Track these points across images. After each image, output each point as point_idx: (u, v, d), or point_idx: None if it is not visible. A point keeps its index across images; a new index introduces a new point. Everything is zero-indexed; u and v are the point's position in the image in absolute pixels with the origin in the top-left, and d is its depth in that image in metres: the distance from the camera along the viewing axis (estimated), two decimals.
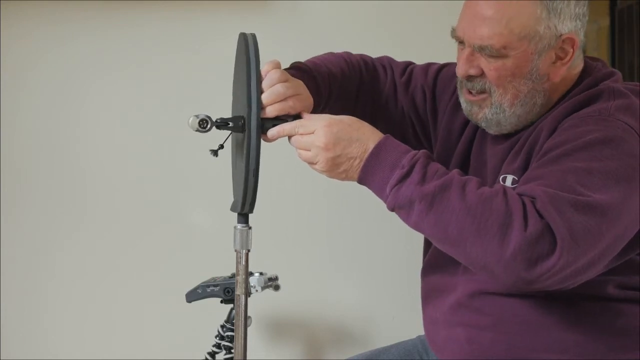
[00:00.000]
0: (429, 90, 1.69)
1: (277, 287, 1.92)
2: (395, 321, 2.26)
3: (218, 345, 1.97)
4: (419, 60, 2.27)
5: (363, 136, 1.34)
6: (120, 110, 2.22)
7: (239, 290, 1.38)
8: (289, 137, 1.36)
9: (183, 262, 2.21)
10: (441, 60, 2.26)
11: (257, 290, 1.86)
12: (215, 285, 1.88)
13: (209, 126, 1.33)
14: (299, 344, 2.27)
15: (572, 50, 1.45)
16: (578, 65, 1.50)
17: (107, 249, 2.23)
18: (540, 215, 1.25)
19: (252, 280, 1.83)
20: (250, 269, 1.43)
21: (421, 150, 1.34)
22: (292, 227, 2.24)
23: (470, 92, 1.50)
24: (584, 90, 1.47)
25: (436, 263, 1.63)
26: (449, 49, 2.25)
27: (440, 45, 2.26)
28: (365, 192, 2.29)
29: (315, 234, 2.27)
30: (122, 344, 2.23)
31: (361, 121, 1.36)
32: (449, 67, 1.69)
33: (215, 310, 1.92)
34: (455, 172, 1.33)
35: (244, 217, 1.40)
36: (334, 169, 1.35)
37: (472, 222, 1.26)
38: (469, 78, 1.48)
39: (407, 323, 2.14)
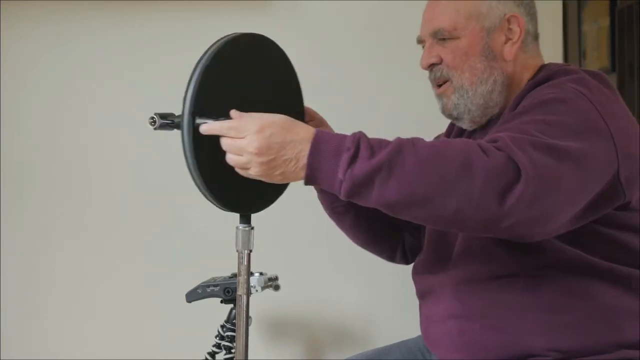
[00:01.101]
0: None
1: (277, 287, 1.92)
2: (395, 321, 2.26)
3: (218, 345, 1.97)
4: (417, 58, 2.27)
5: (296, 136, 1.28)
6: (120, 110, 2.22)
7: (241, 290, 1.38)
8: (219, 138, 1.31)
9: (183, 262, 2.21)
10: None
11: (257, 290, 1.86)
12: (215, 285, 1.88)
13: (157, 124, 1.34)
14: (299, 344, 2.27)
15: (519, 29, 1.54)
16: (536, 56, 1.59)
17: (107, 249, 2.23)
18: (500, 150, 1.27)
19: (253, 280, 1.83)
20: (250, 269, 1.43)
21: (358, 131, 1.34)
22: (292, 227, 2.24)
23: (438, 86, 1.58)
24: (540, 78, 1.54)
25: (425, 264, 1.66)
26: None
27: None
28: None
29: (315, 234, 2.27)
30: (122, 344, 2.23)
31: (293, 120, 1.32)
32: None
33: (215, 310, 1.92)
34: (399, 137, 1.35)
35: (246, 218, 1.40)
36: (270, 172, 1.29)
37: (434, 173, 1.26)
38: (431, 68, 1.58)
39: (407, 323, 2.14)
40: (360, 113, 2.25)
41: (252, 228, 1.40)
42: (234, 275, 1.78)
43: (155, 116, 1.32)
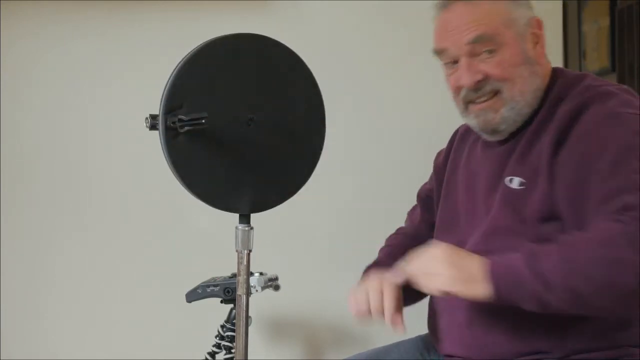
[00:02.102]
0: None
1: (277, 287, 1.92)
2: None
3: (218, 345, 1.97)
4: (417, 58, 2.27)
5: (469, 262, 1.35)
6: (120, 110, 2.22)
7: (241, 290, 1.38)
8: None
9: (183, 262, 2.21)
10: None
11: (257, 290, 1.86)
12: (215, 285, 1.88)
13: (148, 124, 1.35)
14: (299, 344, 2.27)
15: (540, 31, 1.51)
16: (547, 62, 1.54)
17: (107, 249, 2.23)
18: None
19: (252, 280, 1.83)
20: (250, 269, 1.43)
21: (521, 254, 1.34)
22: (292, 227, 2.24)
23: (477, 103, 1.50)
24: (562, 89, 1.50)
25: None
26: None
27: None
28: (365, 192, 2.30)
29: (315, 234, 2.27)
30: (122, 344, 2.23)
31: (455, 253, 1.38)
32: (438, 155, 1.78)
33: (215, 310, 1.92)
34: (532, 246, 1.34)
35: (245, 218, 1.40)
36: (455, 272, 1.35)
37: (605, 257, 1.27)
38: (477, 85, 1.48)
39: (407, 323, 2.13)
40: (360, 113, 2.26)
41: (252, 228, 1.40)
42: (234, 275, 1.78)
43: (148, 117, 1.34)
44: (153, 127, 1.34)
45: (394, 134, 2.27)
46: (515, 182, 1.46)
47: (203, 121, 1.30)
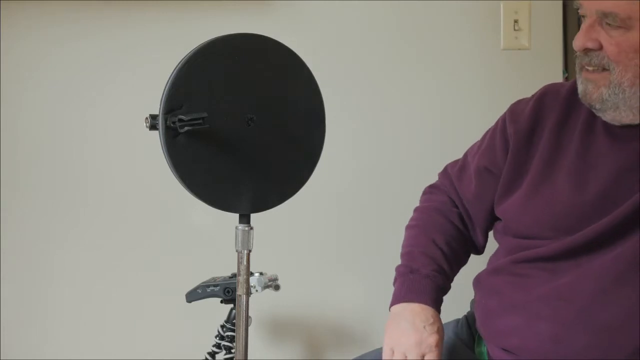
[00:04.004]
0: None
1: (277, 287, 1.92)
2: None
3: (218, 345, 1.96)
4: (417, 58, 2.27)
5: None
6: (120, 110, 2.22)
7: (240, 290, 1.38)
8: None
9: (183, 262, 2.21)
10: (439, 58, 2.27)
11: (257, 290, 1.85)
12: (215, 285, 1.88)
13: (148, 124, 1.36)
14: (299, 344, 2.27)
15: None
16: None
17: (107, 249, 2.23)
18: None
19: (252, 280, 1.83)
20: (250, 269, 1.43)
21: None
22: (292, 227, 2.24)
23: (586, 70, 1.41)
24: None
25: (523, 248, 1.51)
26: (449, 48, 2.26)
27: (440, 44, 2.27)
28: (366, 192, 2.30)
29: (315, 234, 2.27)
30: (122, 344, 2.23)
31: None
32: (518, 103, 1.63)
33: (215, 310, 1.92)
34: None
35: (245, 218, 1.40)
36: None
37: None
38: (586, 52, 1.39)
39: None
40: (360, 113, 2.25)
41: (252, 228, 1.40)
42: (234, 275, 1.78)
43: (148, 117, 1.34)
44: (153, 127, 1.34)
45: (395, 133, 2.27)
46: None
47: (202, 121, 1.30)
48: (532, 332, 1.41)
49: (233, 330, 1.90)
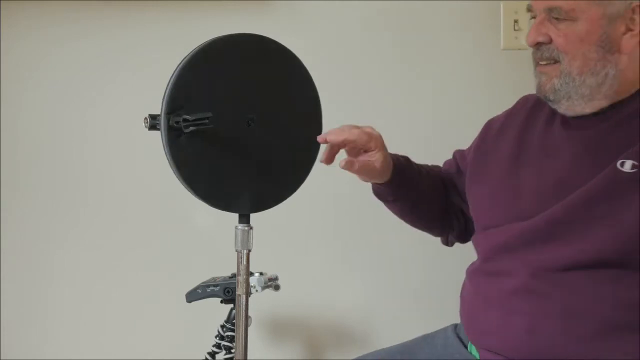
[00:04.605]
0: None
1: (277, 287, 1.92)
2: (395, 321, 2.25)
3: (218, 345, 1.96)
4: (417, 59, 2.27)
5: None
6: (120, 110, 2.22)
7: (240, 290, 1.38)
8: None
9: (183, 262, 2.21)
10: (439, 58, 2.27)
11: (257, 290, 1.85)
12: (215, 285, 1.88)
13: (148, 124, 1.35)
14: (299, 344, 2.27)
15: None
16: None
17: (108, 248, 2.23)
18: None
19: (252, 280, 1.83)
20: (250, 269, 1.43)
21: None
22: (292, 227, 2.24)
23: (540, 64, 1.50)
24: None
25: (493, 242, 1.56)
26: (449, 49, 2.26)
27: (440, 44, 2.27)
28: (364, 193, 2.29)
29: (315, 234, 2.27)
30: (122, 344, 2.23)
31: None
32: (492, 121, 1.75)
33: (215, 310, 1.92)
34: None
35: (245, 218, 1.40)
36: None
37: None
38: (538, 46, 1.49)
39: (407, 323, 2.14)
40: (361, 113, 2.25)
41: (251, 228, 1.41)
42: (234, 275, 1.78)
43: (147, 117, 1.34)
44: (153, 127, 1.34)
45: (394, 133, 2.25)
46: (627, 165, 1.40)
47: (207, 121, 1.30)
48: (509, 328, 1.45)
49: (233, 330, 1.90)
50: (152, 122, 1.34)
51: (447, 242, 1.84)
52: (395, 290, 2.27)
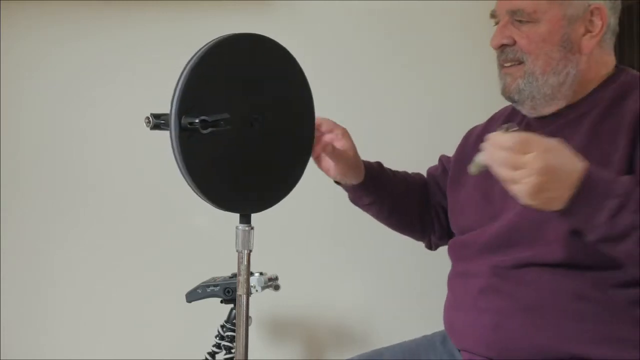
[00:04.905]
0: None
1: (277, 287, 1.92)
2: (395, 321, 2.26)
3: (218, 345, 1.96)
4: (418, 59, 2.27)
5: (573, 166, 1.27)
6: (120, 110, 2.22)
7: (241, 290, 1.38)
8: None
9: (183, 262, 2.21)
10: (439, 58, 2.27)
11: (257, 290, 1.86)
12: (215, 285, 1.88)
13: (151, 124, 1.34)
14: (299, 344, 2.27)
15: (601, 23, 1.50)
16: (611, 52, 1.55)
17: (108, 249, 2.23)
18: None
19: (252, 280, 1.83)
20: (250, 269, 1.43)
21: (626, 176, 1.32)
22: (292, 227, 2.24)
23: (504, 66, 1.55)
24: (626, 85, 1.50)
25: (461, 247, 1.64)
26: (448, 48, 2.27)
27: (440, 44, 2.27)
28: None
29: (315, 234, 2.27)
30: (122, 344, 2.23)
31: (567, 148, 1.29)
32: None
33: (215, 310, 1.92)
34: None
35: (246, 218, 1.40)
36: (536, 193, 1.26)
37: None
38: (502, 48, 1.54)
39: (407, 323, 2.14)
40: (361, 113, 2.26)
41: (252, 228, 1.40)
42: (234, 275, 1.78)
43: (150, 116, 1.33)
44: (156, 127, 1.33)
45: (394, 133, 2.27)
46: None
47: (223, 122, 1.30)
48: (477, 327, 1.50)
49: (233, 330, 1.90)
50: (156, 122, 1.33)
51: (431, 246, 1.88)
52: (395, 290, 2.27)
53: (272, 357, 2.24)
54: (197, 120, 1.28)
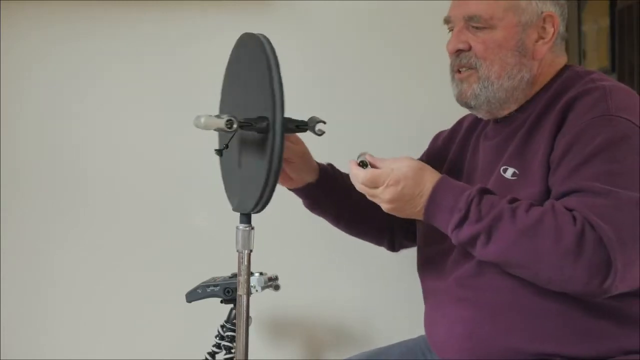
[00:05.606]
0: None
1: (277, 287, 1.92)
2: (395, 321, 2.25)
3: (218, 345, 1.96)
4: (418, 59, 2.27)
5: (423, 188, 1.44)
6: (120, 111, 2.22)
7: (241, 291, 1.38)
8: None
9: (183, 262, 2.21)
10: (439, 58, 2.26)
11: (257, 290, 1.86)
12: (215, 285, 1.88)
13: (234, 126, 1.33)
14: (299, 344, 2.27)
15: (552, 29, 1.54)
16: (561, 56, 1.59)
17: (108, 249, 2.23)
18: (592, 229, 1.31)
19: (252, 280, 1.83)
20: (250, 269, 1.43)
21: (475, 187, 1.42)
22: (292, 227, 2.24)
23: (459, 72, 1.58)
24: (567, 81, 1.54)
25: (427, 263, 1.68)
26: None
27: (440, 45, 2.27)
28: None
29: (315, 234, 2.26)
30: (122, 344, 2.23)
31: (422, 168, 1.46)
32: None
33: (215, 310, 1.92)
34: (504, 201, 1.39)
35: (246, 218, 1.40)
36: (395, 211, 1.47)
37: (527, 247, 1.34)
38: (458, 53, 1.57)
39: (407, 323, 2.13)
40: (361, 113, 2.26)
41: (252, 228, 1.41)
42: (234, 275, 1.78)
43: (232, 118, 1.33)
44: (242, 127, 1.34)
45: (393, 133, 2.27)
46: (509, 173, 1.50)
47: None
48: (452, 337, 1.53)
49: (233, 330, 1.90)
50: (241, 124, 1.33)
51: (394, 247, 1.89)
52: (395, 290, 2.27)
53: (272, 357, 2.24)
54: (300, 123, 1.37)
